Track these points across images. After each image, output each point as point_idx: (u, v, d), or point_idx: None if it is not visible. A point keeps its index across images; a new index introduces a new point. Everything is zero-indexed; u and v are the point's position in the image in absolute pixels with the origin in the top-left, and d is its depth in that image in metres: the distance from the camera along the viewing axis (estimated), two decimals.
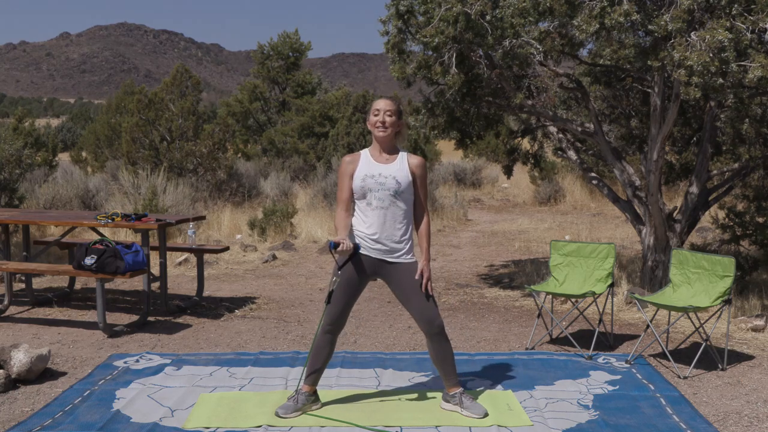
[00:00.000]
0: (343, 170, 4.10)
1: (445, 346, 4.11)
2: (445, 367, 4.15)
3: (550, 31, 6.15)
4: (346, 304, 4.09)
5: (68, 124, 43.26)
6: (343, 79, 65.07)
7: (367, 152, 4.14)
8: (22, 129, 13.69)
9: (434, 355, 4.14)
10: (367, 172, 4.03)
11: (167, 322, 6.29)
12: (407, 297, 4.08)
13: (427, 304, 4.04)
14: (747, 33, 5.19)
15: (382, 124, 4.03)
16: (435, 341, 4.09)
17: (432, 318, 4.04)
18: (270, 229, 10.84)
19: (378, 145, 4.09)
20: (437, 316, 4.06)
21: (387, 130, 4.04)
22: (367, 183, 4.01)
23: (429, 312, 4.04)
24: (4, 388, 4.51)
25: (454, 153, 24.20)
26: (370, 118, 4.09)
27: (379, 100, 4.11)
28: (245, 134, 22.13)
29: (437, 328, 4.06)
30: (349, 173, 4.07)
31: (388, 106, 4.05)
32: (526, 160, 8.97)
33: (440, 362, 4.15)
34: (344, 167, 4.11)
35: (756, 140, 7.10)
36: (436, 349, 4.11)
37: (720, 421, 4.13)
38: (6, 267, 6.24)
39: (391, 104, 4.07)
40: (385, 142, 4.07)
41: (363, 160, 4.09)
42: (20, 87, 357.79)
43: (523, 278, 8.09)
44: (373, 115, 4.07)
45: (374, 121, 4.05)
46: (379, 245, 4.04)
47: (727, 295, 5.05)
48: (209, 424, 4.00)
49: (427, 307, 4.04)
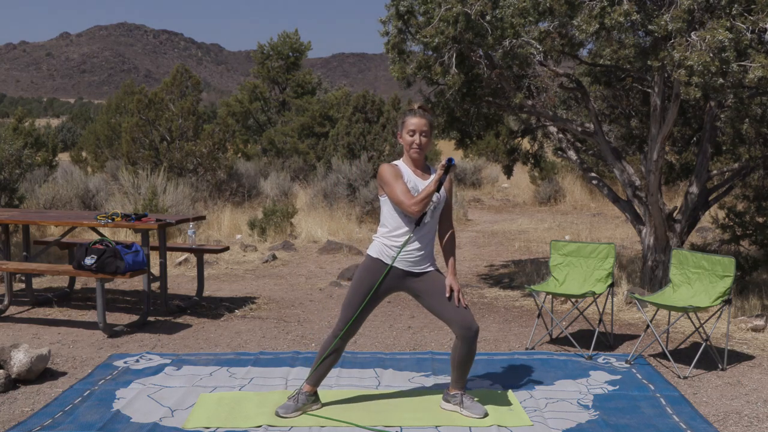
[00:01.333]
0: (395, 172, 3.98)
1: (474, 350, 4.07)
2: (464, 369, 4.12)
3: (550, 31, 6.15)
4: (364, 313, 4.07)
5: (68, 124, 43.26)
6: (343, 79, 65.04)
7: (404, 165, 4.08)
8: (22, 129, 13.70)
9: (461, 357, 4.07)
10: (413, 186, 3.98)
11: (167, 322, 6.29)
12: (441, 303, 4.03)
13: (464, 309, 4.03)
14: (747, 33, 5.19)
15: (419, 146, 3.99)
16: (468, 344, 4.02)
17: (470, 322, 4.01)
18: (270, 229, 10.84)
19: (411, 161, 4.06)
20: (474, 320, 4.04)
21: (422, 151, 4.01)
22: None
23: (467, 316, 4.01)
24: (4, 388, 4.51)
25: (454, 153, 24.21)
26: (405, 137, 4.01)
27: (413, 118, 3.99)
28: (245, 134, 22.13)
29: (474, 332, 4.02)
30: (401, 175, 3.99)
31: (423, 126, 3.98)
32: (526, 160, 8.97)
33: (462, 365, 4.10)
34: (393, 170, 3.98)
35: (756, 140, 7.10)
36: (466, 352, 4.04)
37: (720, 421, 4.13)
38: (6, 267, 6.24)
39: (426, 123, 3.99)
40: (420, 160, 4.06)
41: (405, 171, 4.03)
42: (20, 87, 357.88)
43: (523, 278, 8.09)
44: (408, 135, 3.99)
45: (410, 141, 3.99)
46: (409, 258, 4.02)
47: (727, 295, 5.05)
48: (209, 424, 4.00)
49: (465, 311, 4.02)
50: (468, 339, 4.02)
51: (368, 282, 4.02)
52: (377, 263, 4.03)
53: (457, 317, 4.00)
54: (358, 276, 4.07)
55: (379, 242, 4.06)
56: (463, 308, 4.02)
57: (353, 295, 4.04)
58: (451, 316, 4.02)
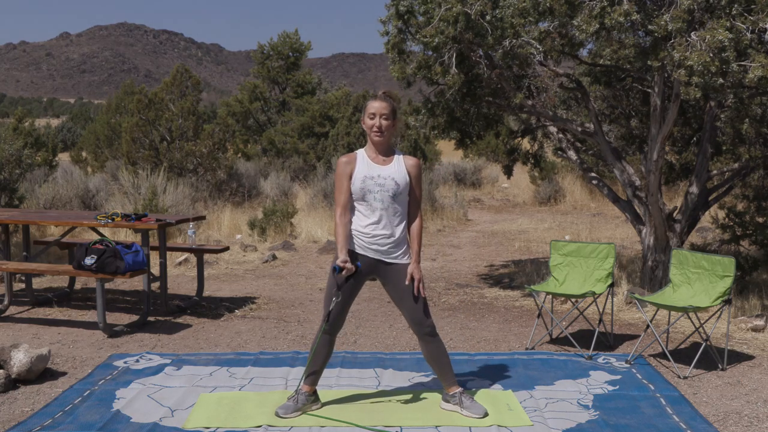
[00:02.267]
0: (341, 171, 4.04)
1: (436, 347, 4.11)
2: (440, 367, 4.16)
3: (550, 31, 6.15)
4: (345, 304, 4.09)
5: (68, 124, 43.24)
6: (343, 79, 65.04)
7: (363, 153, 4.10)
8: (22, 129, 13.71)
9: (427, 355, 4.16)
10: (366, 174, 4.00)
11: (167, 322, 6.28)
12: (400, 298, 4.08)
13: (417, 305, 4.04)
14: (747, 33, 5.19)
15: (378, 129, 3.99)
16: (426, 342, 4.10)
17: (422, 319, 4.05)
18: (270, 229, 10.84)
19: (374, 146, 4.07)
20: (427, 317, 4.07)
21: (383, 134, 4.01)
22: (367, 185, 3.99)
23: (419, 313, 4.05)
24: (4, 388, 4.51)
25: (454, 153, 24.19)
26: (366, 121, 4.04)
27: (373, 102, 4.02)
28: (245, 134, 22.12)
29: (427, 329, 4.07)
30: (348, 174, 4.03)
31: (383, 109, 3.99)
32: (526, 160, 8.97)
33: (434, 362, 4.16)
34: (342, 168, 4.04)
35: (756, 140, 7.10)
36: (429, 350, 4.12)
37: (720, 421, 4.13)
38: (6, 267, 6.24)
39: (386, 106, 4.00)
40: (382, 144, 4.06)
41: (360, 161, 4.05)
42: (20, 87, 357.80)
43: (523, 278, 8.09)
44: (368, 119, 4.01)
45: (370, 125, 4.01)
46: (377, 246, 4.03)
47: (727, 295, 5.05)
48: (209, 424, 4.00)
49: (418, 308, 4.05)
50: (422, 336, 4.08)
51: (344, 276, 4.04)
52: (348, 253, 4.05)
53: (410, 314, 4.06)
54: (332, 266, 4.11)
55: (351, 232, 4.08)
56: (417, 305, 4.03)
57: (330, 287, 4.08)
58: (406, 312, 4.08)
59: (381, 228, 4.01)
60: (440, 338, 4.17)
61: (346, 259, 3.96)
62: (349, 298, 4.11)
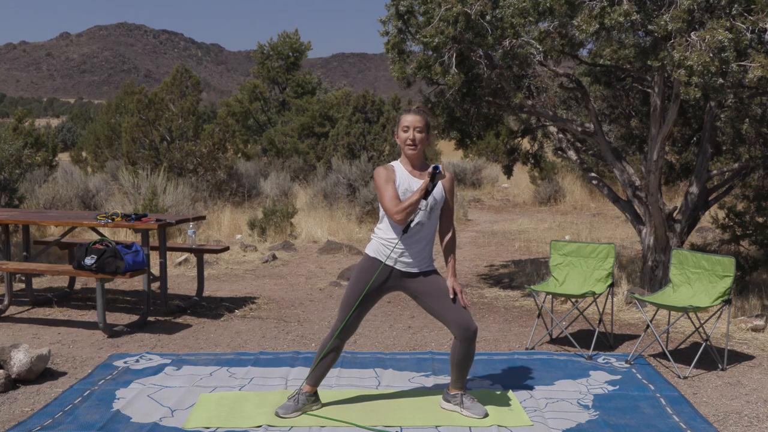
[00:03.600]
0: (387, 177, 3.97)
1: (473, 350, 4.07)
2: (464, 369, 4.12)
3: (550, 31, 6.15)
4: (362, 312, 4.07)
5: (68, 124, 43.25)
6: (343, 79, 65.05)
7: (400, 165, 4.06)
8: (22, 129, 13.69)
9: (460, 357, 4.07)
10: (408, 186, 3.97)
11: (167, 322, 6.29)
12: (440, 303, 4.03)
13: (463, 309, 4.03)
14: (747, 33, 5.19)
15: (413, 142, 3.96)
16: (467, 345, 4.03)
17: (469, 323, 4.00)
18: (270, 229, 10.84)
19: (408, 160, 4.04)
20: (472, 321, 4.03)
21: (417, 147, 3.98)
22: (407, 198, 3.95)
23: (466, 316, 4.01)
24: (4, 388, 4.52)
25: (454, 153, 24.20)
26: (400, 134, 4.00)
27: (407, 115, 3.99)
28: (245, 134, 22.12)
29: (473, 333, 4.01)
30: (392, 179, 3.97)
31: (417, 123, 3.96)
32: (526, 160, 8.97)
33: (462, 365, 4.10)
34: (385, 175, 3.97)
35: (756, 140, 7.10)
36: (465, 352, 4.05)
37: (720, 421, 4.13)
38: (6, 267, 6.24)
39: (420, 120, 3.97)
40: (415, 158, 4.03)
41: (400, 172, 4.01)
42: (20, 87, 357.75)
43: (523, 278, 8.09)
44: (402, 132, 3.99)
45: (404, 138, 3.98)
46: (405, 258, 4.01)
47: (727, 295, 5.05)
48: (209, 424, 4.00)
49: (463, 311, 4.02)
50: (466, 339, 4.01)
51: (365, 281, 4.01)
52: (374, 262, 4.03)
53: (456, 318, 4.00)
54: (356, 274, 4.07)
55: (377, 241, 4.06)
56: (461, 309, 4.01)
57: (350, 294, 4.04)
58: (450, 317, 4.02)
59: (413, 242, 4.00)
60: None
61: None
62: (367, 308, 4.08)
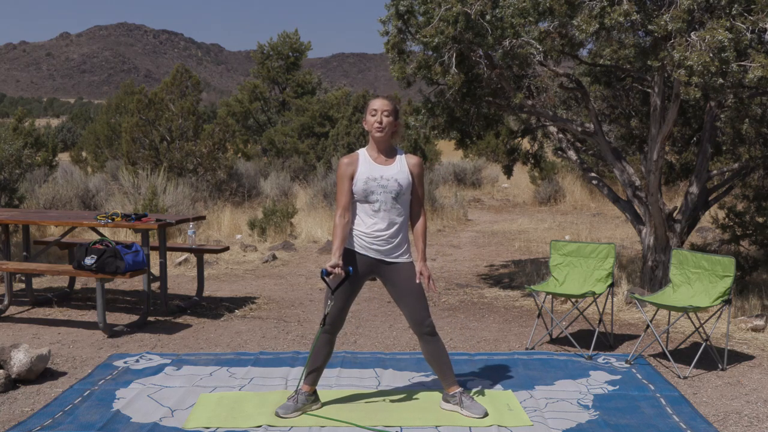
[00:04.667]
0: (343, 173, 4.02)
1: (436, 347, 4.11)
2: (440, 366, 4.16)
3: (550, 31, 6.15)
4: (345, 303, 4.09)
5: (68, 124, 43.24)
6: (343, 79, 65.03)
7: (365, 153, 4.09)
8: (22, 129, 13.69)
9: (427, 355, 4.16)
10: (369, 175, 3.99)
11: (167, 322, 6.29)
12: (401, 297, 4.09)
13: (419, 305, 4.05)
14: (747, 33, 5.19)
15: (380, 125, 3.99)
16: (426, 341, 4.11)
17: (422, 318, 4.05)
18: (270, 229, 10.84)
19: (375, 145, 4.06)
20: (427, 317, 4.07)
21: (384, 130, 4.01)
22: (370, 186, 3.97)
23: (420, 312, 4.05)
24: (4, 388, 4.51)
25: (454, 153, 24.18)
26: (367, 118, 4.04)
27: (375, 100, 4.05)
28: (245, 134, 22.12)
29: (427, 328, 4.07)
30: (349, 175, 4.01)
31: (385, 106, 4.00)
32: (526, 160, 8.97)
33: (434, 362, 4.16)
34: (343, 169, 4.03)
35: (756, 140, 7.10)
36: (428, 349, 4.12)
37: (720, 421, 4.13)
38: (6, 267, 6.23)
39: (388, 104, 4.01)
40: (383, 142, 4.04)
41: (362, 161, 4.04)
42: (20, 87, 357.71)
43: (523, 278, 8.09)
44: (370, 115, 4.02)
45: (371, 122, 4.01)
46: (378, 246, 4.03)
47: (727, 295, 5.05)
48: (209, 424, 4.00)
49: (418, 307, 4.05)
50: (422, 335, 4.08)
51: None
52: (349, 252, 4.05)
53: (411, 313, 4.06)
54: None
55: (352, 232, 4.08)
56: (418, 304, 4.04)
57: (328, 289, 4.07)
58: (406, 311, 4.08)
59: (383, 229, 4.01)
60: (440, 338, 4.17)
61: (336, 263, 3.92)
62: (349, 299, 4.10)
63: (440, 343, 4.15)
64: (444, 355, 4.16)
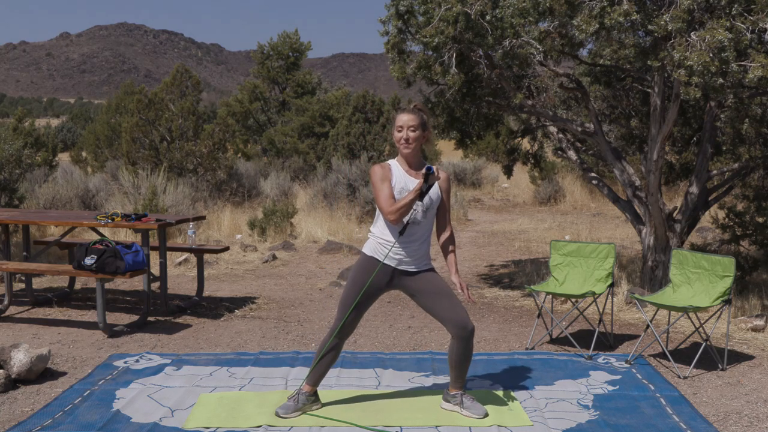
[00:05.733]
0: (382, 175, 3.98)
1: (470, 349, 4.07)
2: (462, 368, 4.12)
3: (550, 31, 6.15)
4: (360, 311, 4.07)
5: (68, 124, 43.25)
6: (343, 79, 65.15)
7: (397, 164, 4.06)
8: (22, 129, 13.69)
9: (457, 356, 4.07)
10: (404, 186, 3.97)
11: (167, 322, 6.29)
12: (437, 301, 4.03)
13: (460, 307, 4.02)
14: (747, 33, 5.19)
15: (406, 141, 3.97)
16: (464, 344, 4.02)
17: (466, 321, 4.00)
18: (270, 229, 10.84)
19: (404, 159, 4.05)
20: (469, 320, 4.02)
21: (411, 145, 3.98)
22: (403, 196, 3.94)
23: (463, 315, 4.01)
24: (4, 388, 4.51)
25: (454, 153, 24.20)
26: (395, 134, 4.01)
27: (402, 115, 4.00)
28: (245, 134, 22.12)
29: (469, 332, 4.01)
30: (388, 177, 3.98)
31: (411, 121, 3.96)
32: (526, 160, 8.97)
33: (460, 364, 4.10)
34: (382, 173, 3.98)
35: (756, 140, 7.11)
36: (462, 351, 4.05)
37: (720, 421, 4.13)
38: (6, 267, 6.23)
39: (414, 118, 3.97)
40: (411, 157, 4.04)
41: (396, 171, 4.02)
42: (20, 87, 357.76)
43: (523, 278, 8.09)
44: (396, 131, 4.00)
45: (398, 138, 3.99)
46: (401, 257, 4.01)
47: (727, 295, 5.05)
48: (209, 424, 4.00)
49: (460, 310, 4.02)
50: (463, 338, 4.02)
51: (363, 280, 4.01)
52: (371, 261, 4.03)
53: (452, 316, 4.00)
54: (353, 274, 4.07)
55: (374, 240, 4.06)
56: (458, 307, 4.02)
57: (348, 293, 4.04)
58: (446, 315, 4.02)
59: (409, 241, 4.00)
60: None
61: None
62: (365, 307, 4.08)
63: (473, 346, 4.10)
64: (470, 359, 4.11)
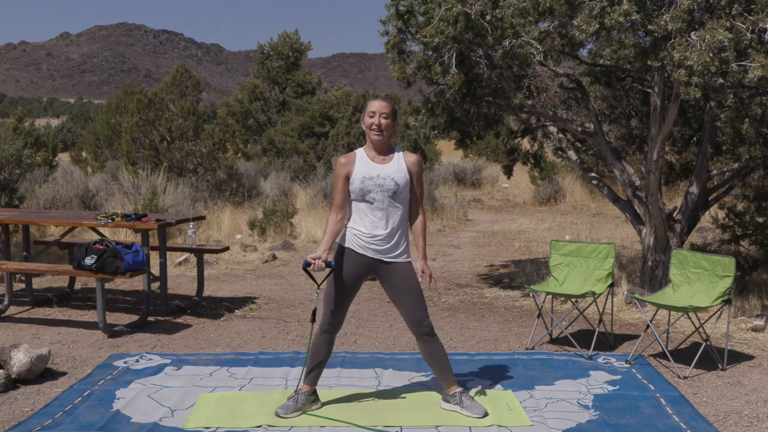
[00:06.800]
0: (338, 172, 4.04)
1: (434, 347, 4.12)
2: (439, 367, 4.16)
3: (550, 31, 6.15)
4: (343, 303, 4.09)
5: (68, 124, 43.23)
6: (343, 79, 65.02)
7: (362, 152, 4.09)
8: (22, 129, 13.69)
9: (425, 355, 4.16)
10: (365, 174, 3.99)
11: (167, 322, 6.29)
12: (399, 297, 4.09)
13: (417, 305, 4.05)
14: (747, 33, 5.19)
15: (378, 127, 3.99)
16: (424, 342, 4.11)
17: (421, 319, 4.05)
18: (270, 229, 10.84)
19: (373, 145, 4.06)
20: (426, 317, 4.07)
21: (382, 133, 4.00)
22: (366, 185, 3.98)
23: (418, 313, 4.06)
24: (4, 388, 4.52)
25: (454, 153, 24.19)
26: (365, 119, 4.03)
27: (374, 101, 4.04)
28: (245, 134, 22.12)
29: (425, 329, 4.07)
30: (344, 175, 4.03)
31: (383, 108, 3.99)
32: (526, 160, 8.97)
33: (433, 362, 4.17)
34: (339, 169, 4.04)
35: (756, 140, 7.10)
36: (427, 349, 4.13)
37: (720, 421, 4.13)
38: (6, 267, 6.23)
39: (387, 106, 4.01)
40: (381, 143, 4.05)
41: (359, 160, 4.04)
42: (20, 87, 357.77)
43: (523, 278, 8.09)
44: (368, 117, 4.01)
45: (369, 123, 4.01)
46: (376, 246, 4.03)
47: (727, 295, 5.05)
48: (209, 424, 4.00)
49: (417, 308, 4.06)
50: (420, 335, 4.08)
51: (341, 271, 4.05)
52: (348, 252, 4.06)
53: (408, 313, 4.06)
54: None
55: (348, 231, 4.08)
56: (417, 304, 4.05)
57: (329, 286, 4.08)
58: (404, 311, 4.08)
59: (380, 228, 4.01)
60: (438, 338, 4.17)
61: (318, 256, 3.93)
62: (348, 298, 4.10)
63: (438, 343, 4.15)
64: (443, 356, 4.15)
